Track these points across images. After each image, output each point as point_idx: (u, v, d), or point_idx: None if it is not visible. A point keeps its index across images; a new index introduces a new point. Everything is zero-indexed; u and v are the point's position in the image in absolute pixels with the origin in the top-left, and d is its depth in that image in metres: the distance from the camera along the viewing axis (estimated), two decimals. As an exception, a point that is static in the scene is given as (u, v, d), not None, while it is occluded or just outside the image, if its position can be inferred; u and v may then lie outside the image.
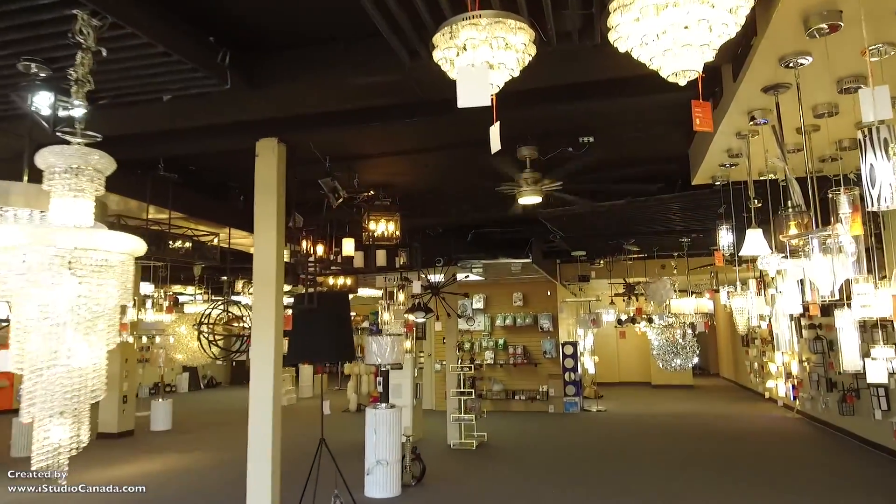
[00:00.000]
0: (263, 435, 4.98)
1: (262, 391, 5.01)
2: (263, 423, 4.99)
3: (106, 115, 4.36)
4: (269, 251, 5.11)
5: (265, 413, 4.98)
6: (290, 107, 4.55)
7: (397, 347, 7.08)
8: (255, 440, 4.99)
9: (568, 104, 4.78)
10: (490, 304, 15.19)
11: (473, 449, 9.78)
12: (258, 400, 5.00)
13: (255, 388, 5.03)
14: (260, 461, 4.98)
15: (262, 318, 5.06)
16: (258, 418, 5.01)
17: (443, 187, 7.64)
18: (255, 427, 5.02)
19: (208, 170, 6.77)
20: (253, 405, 5.02)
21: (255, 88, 3.95)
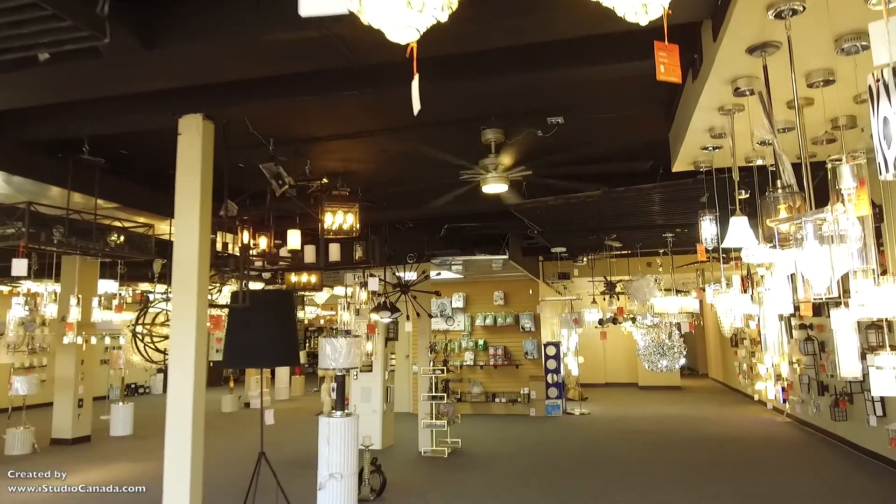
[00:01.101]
0: (181, 452, 4.36)
1: (180, 402, 4.39)
2: (181, 439, 4.37)
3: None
4: (190, 242, 4.50)
5: (183, 427, 4.37)
6: (197, 72, 3.93)
7: (354, 350, 6.48)
8: (172, 460, 4.38)
9: (530, 71, 4.18)
10: (470, 303, 14.61)
11: (445, 457, 9.19)
12: (176, 412, 4.38)
13: (172, 398, 4.41)
14: (178, 483, 4.36)
15: (181, 317, 4.45)
16: (176, 433, 4.40)
17: (406, 176, 7.04)
18: (171, 443, 4.40)
19: (143, 155, 6.14)
20: (170, 418, 4.41)
21: (150, 49, 3.34)
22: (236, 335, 5.13)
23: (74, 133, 5.17)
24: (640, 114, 5.55)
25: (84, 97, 4.36)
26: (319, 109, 5.11)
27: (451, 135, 5.89)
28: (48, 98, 4.31)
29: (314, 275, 9.42)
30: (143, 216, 6.49)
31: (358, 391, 10.11)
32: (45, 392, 11.20)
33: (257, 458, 5.74)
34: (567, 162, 6.20)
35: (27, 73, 3.50)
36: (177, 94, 4.43)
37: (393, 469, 8.17)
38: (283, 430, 11.77)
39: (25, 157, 5.31)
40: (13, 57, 3.02)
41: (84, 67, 3.59)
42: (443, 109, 5.42)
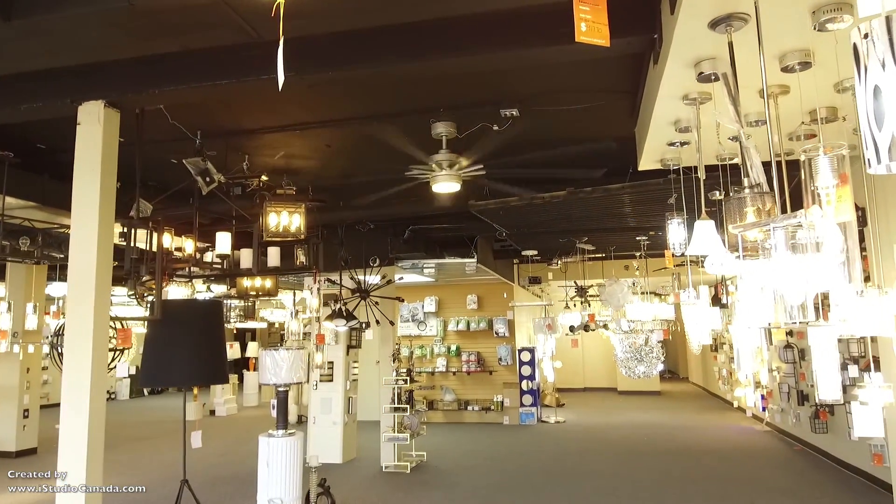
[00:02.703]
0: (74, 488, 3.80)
1: (73, 430, 3.83)
2: (75, 472, 3.82)
3: None
4: (87, 246, 3.95)
5: (77, 459, 3.81)
6: (72, 49, 3.39)
7: (298, 363, 5.95)
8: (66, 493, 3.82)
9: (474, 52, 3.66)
10: (442, 307, 14.10)
11: (408, 472, 8.67)
12: (69, 445, 3.83)
13: (65, 426, 3.86)
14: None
15: (75, 331, 3.89)
16: (68, 465, 3.84)
17: (356, 173, 6.52)
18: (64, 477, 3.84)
19: (62, 150, 5.55)
20: (62, 449, 3.85)
21: (9, 21, 2.80)
22: (153, 350, 4.58)
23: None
24: (603, 106, 5.07)
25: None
26: (245, 97, 4.59)
27: (400, 129, 5.39)
28: None
29: (268, 279, 8.86)
30: (66, 216, 5.91)
31: (318, 402, 9.56)
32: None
33: (180, 484, 5.21)
34: (523, 164, 5.74)
35: None
36: (74, 75, 3.88)
37: (348, 488, 7.64)
38: (238, 442, 11.20)
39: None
40: None
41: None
42: (388, 99, 4.92)
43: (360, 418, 10.29)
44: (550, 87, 4.74)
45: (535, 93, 4.74)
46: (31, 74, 4.06)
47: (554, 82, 4.70)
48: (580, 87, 4.77)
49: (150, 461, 9.68)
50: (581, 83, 4.72)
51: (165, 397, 20.22)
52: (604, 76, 4.66)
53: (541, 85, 4.72)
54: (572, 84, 4.73)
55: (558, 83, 4.71)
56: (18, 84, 4.16)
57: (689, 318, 4.32)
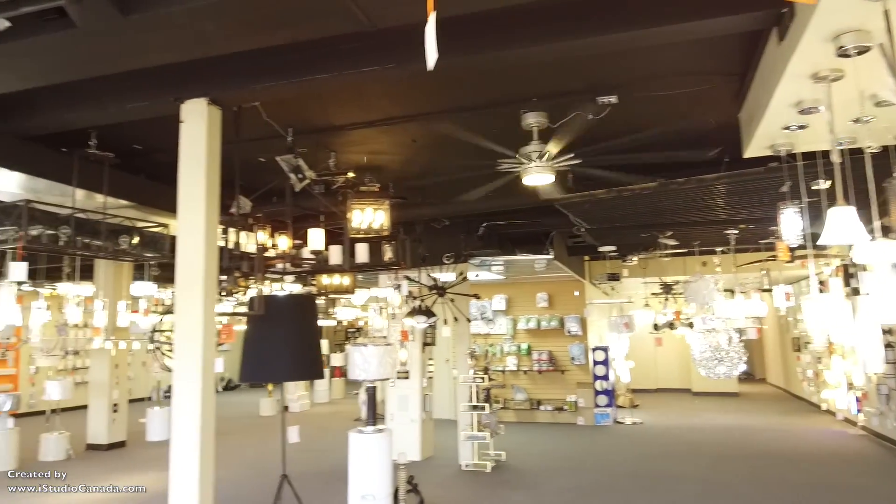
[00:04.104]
0: (187, 483, 3.86)
1: (185, 423, 3.89)
2: (187, 465, 3.87)
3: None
4: (195, 242, 4.01)
5: (190, 450, 3.87)
6: (185, 43, 3.41)
7: (387, 359, 5.93)
8: (177, 492, 3.88)
9: (576, 37, 3.52)
10: (512, 306, 13.93)
11: (488, 471, 8.57)
12: (181, 436, 3.89)
13: (177, 419, 3.92)
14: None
15: (186, 326, 3.96)
16: (181, 458, 3.90)
17: (440, 168, 6.45)
18: (176, 472, 3.91)
19: (157, 150, 5.71)
20: (175, 440, 3.92)
21: (127, 15, 2.84)
22: (252, 346, 4.62)
23: (75, 124, 4.75)
24: (703, 91, 4.82)
25: (69, 78, 3.91)
26: (339, 92, 4.57)
27: (488, 120, 5.28)
28: (27, 80, 3.87)
29: (347, 277, 8.92)
30: (161, 215, 6.08)
31: (395, 399, 9.57)
32: (86, 394, 11.06)
33: (280, 479, 5.26)
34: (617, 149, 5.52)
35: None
36: (177, 72, 3.94)
37: (431, 486, 7.59)
38: (317, 438, 11.35)
39: (26, 151, 4.93)
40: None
41: (60, 41, 3.12)
42: (477, 90, 4.81)
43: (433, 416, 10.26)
44: (651, 71, 4.53)
45: (635, 78, 4.55)
46: (136, 73, 4.13)
47: (655, 66, 4.49)
48: (683, 71, 4.54)
49: (235, 456, 9.91)
50: (684, 66, 4.50)
51: (239, 393, 20.78)
52: (709, 58, 4.42)
53: (641, 70, 4.51)
54: (674, 68, 4.51)
55: (660, 67, 4.49)
56: (123, 83, 4.26)
57: (812, 313, 4.03)
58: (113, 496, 7.61)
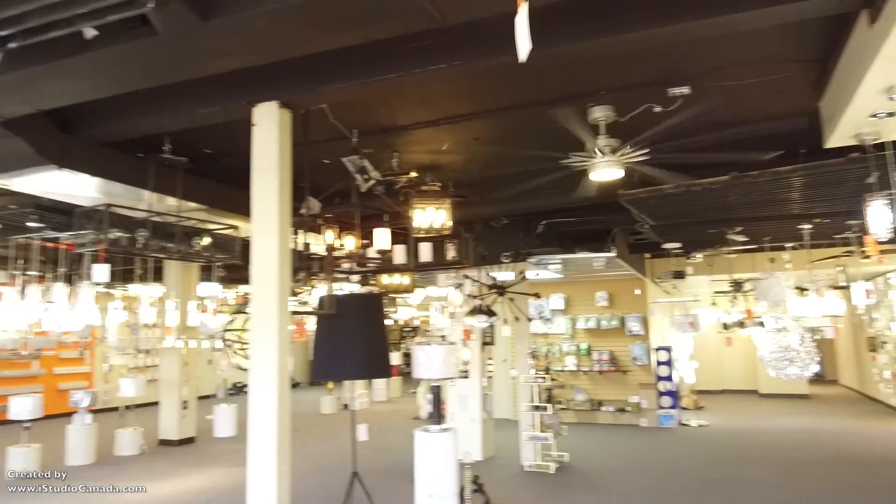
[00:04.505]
0: (264, 476, 3.94)
1: (262, 420, 3.98)
2: (265, 460, 3.95)
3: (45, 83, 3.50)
4: (269, 244, 4.10)
5: (268, 445, 3.94)
6: (261, 47, 3.47)
7: (450, 358, 5.92)
8: (255, 484, 3.96)
9: (650, 26, 3.42)
10: (570, 305, 13.74)
11: (552, 473, 8.46)
12: (259, 433, 3.97)
13: (254, 416, 4.01)
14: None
15: (261, 326, 4.05)
16: (258, 453, 3.98)
17: (501, 166, 6.40)
18: (254, 467, 3.99)
19: (227, 154, 5.87)
20: (252, 438, 4.00)
21: (207, 20, 2.91)
22: (323, 344, 4.69)
23: (149, 130, 4.93)
24: (779, 80, 4.62)
25: (148, 84, 4.04)
26: (405, 91, 4.59)
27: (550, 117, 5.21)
28: (110, 88, 4.02)
29: (406, 276, 8.97)
30: (230, 217, 6.25)
31: (455, 398, 9.57)
32: (156, 391, 11.50)
33: (350, 477, 5.32)
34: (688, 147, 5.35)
35: (82, 59, 3.19)
36: (248, 77, 4.03)
37: (495, 486, 7.54)
38: (379, 436, 11.46)
39: (105, 157, 5.14)
40: (59, 34, 2.66)
41: (141, 48, 3.23)
42: (544, 85, 4.74)
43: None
44: (726, 60, 4.37)
45: (709, 68, 4.39)
46: (208, 79, 4.23)
47: (729, 55, 4.33)
48: (758, 59, 4.37)
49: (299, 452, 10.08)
50: (760, 54, 4.32)
51: (300, 391, 21.18)
52: (786, 45, 4.23)
53: (715, 59, 4.36)
54: (750, 56, 4.33)
55: (734, 56, 4.33)
56: (196, 89, 4.38)
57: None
58: (178, 494, 7.86)
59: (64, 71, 3.47)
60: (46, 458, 8.91)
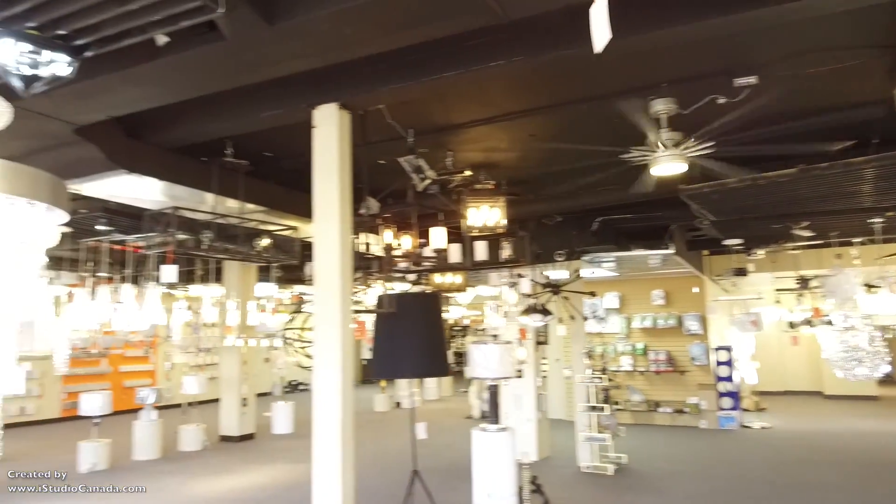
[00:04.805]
0: (330, 467, 3.99)
1: (326, 415, 4.03)
2: (330, 456, 4.00)
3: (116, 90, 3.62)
4: (330, 244, 4.14)
5: (332, 442, 3.99)
6: (324, 48, 3.51)
7: (507, 357, 5.88)
8: (321, 475, 4.02)
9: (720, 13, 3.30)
10: (625, 303, 13.48)
11: (610, 474, 8.31)
12: (323, 425, 4.03)
13: (318, 414, 4.07)
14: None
15: (324, 324, 4.10)
16: (323, 449, 4.04)
17: (555, 163, 6.32)
18: (319, 463, 4.05)
19: (286, 156, 5.98)
20: (317, 432, 4.06)
21: (273, 24, 2.96)
22: (382, 343, 4.73)
23: (215, 134, 5.06)
24: (855, 67, 4.40)
25: (213, 89, 4.15)
26: (461, 89, 4.56)
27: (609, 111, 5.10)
28: (178, 94, 4.15)
29: (459, 275, 8.97)
30: (288, 219, 6.36)
31: (509, 398, 9.51)
32: (216, 389, 11.84)
33: (411, 475, 5.35)
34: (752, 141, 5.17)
35: (153, 66, 3.29)
36: (308, 79, 4.09)
37: (552, 487, 7.45)
38: (433, 435, 11.48)
39: (170, 162, 5.31)
40: (132, 42, 2.75)
41: (209, 54, 3.31)
42: (603, 78, 4.64)
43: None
44: (795, 48, 4.19)
45: (777, 57, 4.22)
46: (269, 83, 4.32)
47: (799, 42, 4.15)
48: (829, 46, 4.17)
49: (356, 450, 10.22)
50: (831, 41, 4.13)
51: (351, 391, 21.44)
52: (860, 31, 4.03)
53: (784, 47, 4.19)
54: (820, 43, 4.14)
55: (804, 43, 4.15)
56: (258, 93, 4.47)
57: None
58: (241, 490, 8.05)
59: (135, 78, 3.60)
60: (115, 452, 9.27)
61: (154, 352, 14.71)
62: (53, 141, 4.45)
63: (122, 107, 4.27)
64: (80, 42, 2.78)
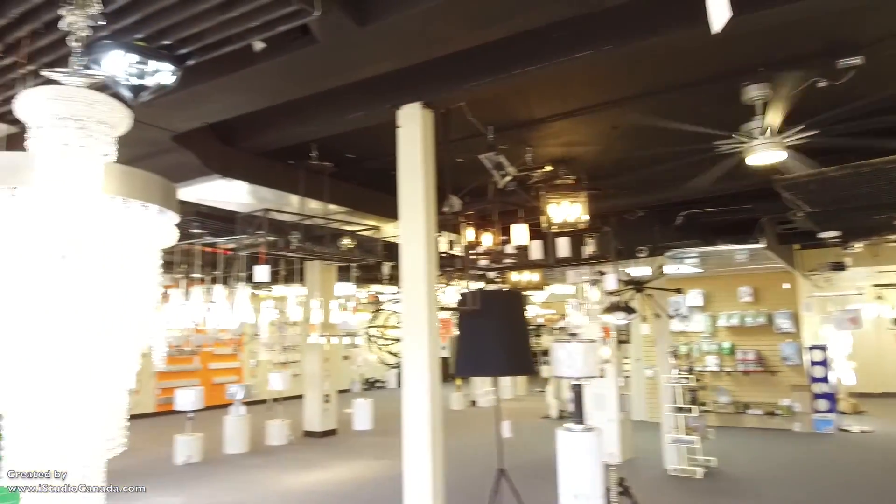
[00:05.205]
0: (420, 459, 4.04)
1: (416, 412, 4.07)
2: (420, 444, 4.06)
3: (212, 97, 3.77)
4: (416, 243, 4.17)
5: (421, 438, 4.04)
6: (412, 47, 3.52)
7: (591, 356, 5.77)
8: (412, 467, 4.07)
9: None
10: (710, 301, 12.95)
11: (699, 478, 8.00)
12: (413, 422, 4.08)
13: (408, 409, 4.11)
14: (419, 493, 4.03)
15: (412, 322, 4.14)
16: (413, 444, 4.09)
17: (639, 156, 6.13)
18: (410, 457, 4.10)
19: (368, 157, 6.08)
20: (407, 428, 4.11)
21: (364, 25, 3.00)
22: (466, 340, 4.72)
23: (301, 138, 5.20)
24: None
25: (302, 94, 4.25)
26: (544, 83, 4.50)
27: (701, 97, 4.89)
28: (270, 99, 4.28)
29: (535, 273, 8.87)
30: (370, 219, 6.47)
31: (590, 398, 9.32)
32: (298, 385, 12.21)
33: (497, 473, 5.33)
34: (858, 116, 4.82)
35: (247, 73, 3.40)
36: (391, 80, 4.13)
37: (638, 489, 7.21)
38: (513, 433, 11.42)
39: (260, 166, 5.50)
40: (231, 49, 2.85)
41: (300, 58, 3.40)
42: (695, 64, 4.45)
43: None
44: None
45: (887, 34, 3.93)
46: (352, 86, 4.40)
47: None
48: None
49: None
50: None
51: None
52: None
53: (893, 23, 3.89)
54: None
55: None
56: (342, 96, 4.56)
57: None
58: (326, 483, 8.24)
59: (229, 85, 3.74)
60: (207, 446, 9.71)
61: (241, 350, 15.34)
62: (153, 148, 4.68)
63: (217, 114, 4.45)
64: (182, 51, 2.91)
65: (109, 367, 1.65)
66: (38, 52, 2.97)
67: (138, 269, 1.88)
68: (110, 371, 1.64)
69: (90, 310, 1.60)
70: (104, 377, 1.63)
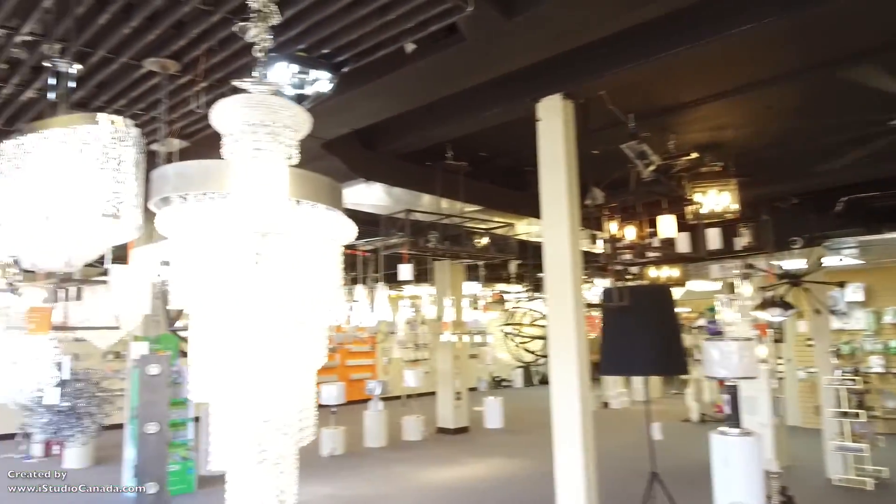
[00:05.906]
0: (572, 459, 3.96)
1: (565, 408, 3.99)
2: (570, 446, 3.97)
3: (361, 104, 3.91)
4: (560, 238, 4.09)
5: (572, 433, 3.96)
6: (557, 37, 3.41)
7: (747, 355, 5.38)
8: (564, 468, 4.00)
9: None
10: (873, 296, 11.71)
11: (869, 489, 7.24)
12: (562, 418, 4.00)
13: (557, 405, 4.05)
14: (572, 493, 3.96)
15: (558, 318, 4.06)
16: (564, 440, 4.02)
17: (795, 137, 5.64)
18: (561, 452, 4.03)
19: (500, 155, 6.07)
20: (557, 424, 4.04)
21: (512, 17, 2.96)
22: (614, 338, 4.57)
23: (438, 138, 5.27)
24: None
25: (443, 94, 4.28)
26: (692, 63, 4.22)
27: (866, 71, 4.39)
28: (414, 101, 4.36)
29: (675, 268, 8.42)
30: (501, 217, 6.45)
31: (741, 401, 8.71)
32: (428, 383, 12.46)
33: (650, 477, 5.13)
34: None
35: (394, 77, 3.48)
36: (529, 73, 4.06)
37: (802, 500, 6.68)
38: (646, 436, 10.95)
39: (400, 168, 5.64)
40: (384, 53, 2.93)
41: (446, 58, 3.43)
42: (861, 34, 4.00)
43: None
44: None
45: None
46: (489, 82, 4.37)
47: None
48: None
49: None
50: None
51: (552, 388, 21.27)
52: None
53: None
54: None
55: None
56: (479, 94, 4.54)
57: None
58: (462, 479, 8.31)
59: (375, 91, 3.86)
60: (349, 439, 10.15)
61: (375, 347, 15.94)
62: (305, 156, 4.92)
63: (363, 119, 4.61)
64: (339, 59, 3.03)
65: (304, 356, 1.73)
66: (211, 68, 3.22)
67: (324, 264, 1.96)
68: (305, 360, 1.71)
69: (286, 303, 1.68)
70: (300, 367, 1.71)
